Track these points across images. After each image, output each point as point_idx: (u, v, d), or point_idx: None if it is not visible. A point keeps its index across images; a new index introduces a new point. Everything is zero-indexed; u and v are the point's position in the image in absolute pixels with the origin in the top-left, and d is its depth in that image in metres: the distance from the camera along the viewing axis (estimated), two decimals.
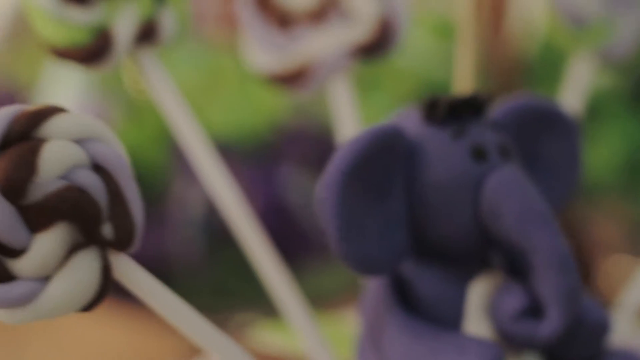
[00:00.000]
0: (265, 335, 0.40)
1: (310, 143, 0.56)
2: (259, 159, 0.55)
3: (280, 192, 0.54)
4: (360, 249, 0.26)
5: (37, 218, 0.23)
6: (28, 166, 0.23)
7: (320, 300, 0.42)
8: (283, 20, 0.33)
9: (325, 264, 0.56)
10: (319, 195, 0.25)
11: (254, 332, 0.42)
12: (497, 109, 0.29)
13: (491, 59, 0.63)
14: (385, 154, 0.26)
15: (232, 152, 0.53)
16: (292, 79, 0.33)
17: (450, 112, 0.27)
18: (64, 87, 0.56)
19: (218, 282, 0.56)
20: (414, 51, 0.58)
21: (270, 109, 0.55)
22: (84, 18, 0.28)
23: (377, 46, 0.32)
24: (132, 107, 0.56)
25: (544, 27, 0.64)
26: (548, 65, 0.63)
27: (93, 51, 0.28)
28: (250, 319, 0.52)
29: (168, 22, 0.29)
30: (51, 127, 0.23)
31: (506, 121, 0.29)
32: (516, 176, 0.27)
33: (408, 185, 0.27)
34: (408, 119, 0.28)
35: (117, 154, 0.24)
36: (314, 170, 0.56)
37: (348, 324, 0.41)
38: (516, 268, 0.28)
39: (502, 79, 0.62)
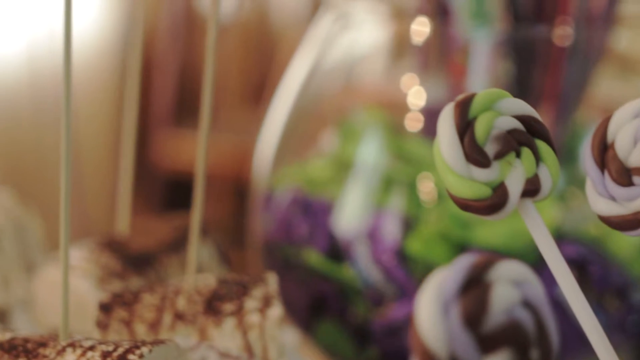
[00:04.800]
0: None
1: (575, 249, 0.62)
2: (532, 263, 0.61)
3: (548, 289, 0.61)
4: None
5: (487, 344, 0.30)
6: (483, 304, 0.30)
7: None
8: (622, 175, 0.39)
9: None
10: None
11: None
12: None
13: None
14: None
15: (510, 257, 0.60)
16: (626, 225, 0.39)
17: None
18: (355, 201, 0.64)
19: None
20: None
21: (546, 219, 0.61)
22: (484, 177, 0.35)
23: None
24: (414, 217, 0.63)
25: None
26: None
27: (492, 204, 0.35)
28: None
29: (546, 179, 0.36)
30: (496, 272, 0.30)
31: None
32: None
33: None
34: None
35: (540, 293, 0.31)
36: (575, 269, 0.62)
37: None
38: None
39: None
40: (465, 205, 0.36)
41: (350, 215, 0.63)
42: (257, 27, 2.84)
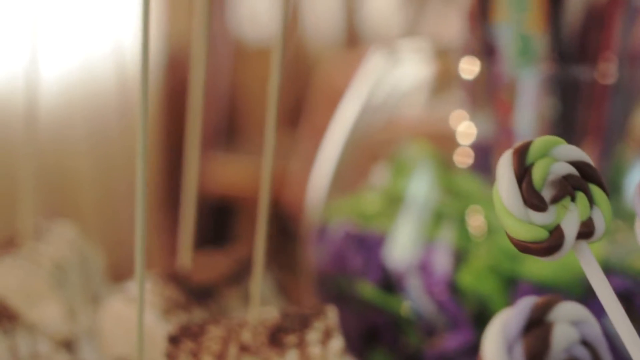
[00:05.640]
0: None
1: (621, 281, 0.64)
2: (578, 295, 0.63)
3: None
4: None
5: None
6: (545, 343, 0.32)
7: None
8: None
9: None
10: None
11: None
12: None
13: None
14: None
15: (558, 290, 0.62)
16: None
17: None
18: (406, 234, 0.66)
19: None
20: None
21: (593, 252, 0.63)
22: (542, 220, 0.38)
23: None
24: (464, 250, 0.65)
25: None
26: None
27: (549, 246, 0.38)
28: None
29: (600, 222, 0.39)
30: (556, 313, 0.32)
31: None
32: None
33: None
34: None
35: (598, 332, 0.33)
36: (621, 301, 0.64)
37: None
38: None
39: None
40: (523, 247, 0.38)
41: (402, 248, 0.65)
42: (293, 51, 2.88)
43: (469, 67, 0.70)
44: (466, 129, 0.70)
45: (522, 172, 0.38)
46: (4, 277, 0.62)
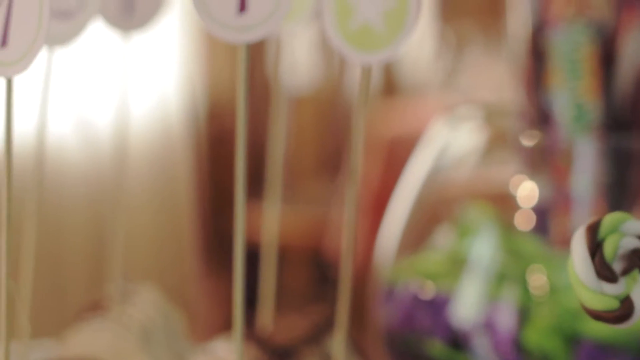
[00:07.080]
0: None
1: None
2: (636, 352, 0.67)
3: None
4: None
5: None
6: None
7: None
8: None
9: None
10: None
11: None
12: None
13: None
14: None
15: (618, 347, 0.66)
16: None
17: None
18: (471, 294, 0.70)
19: None
20: None
21: None
22: (613, 291, 0.41)
23: None
24: (527, 309, 0.69)
25: None
26: None
27: (620, 315, 0.41)
28: None
29: None
30: None
31: None
32: None
33: None
34: None
35: None
36: None
37: None
38: None
39: None
40: (596, 316, 0.42)
41: (468, 307, 0.69)
42: (331, 98, 2.92)
43: (528, 136, 0.74)
44: (528, 192, 0.74)
45: (595, 247, 0.42)
46: (94, 339, 0.66)
